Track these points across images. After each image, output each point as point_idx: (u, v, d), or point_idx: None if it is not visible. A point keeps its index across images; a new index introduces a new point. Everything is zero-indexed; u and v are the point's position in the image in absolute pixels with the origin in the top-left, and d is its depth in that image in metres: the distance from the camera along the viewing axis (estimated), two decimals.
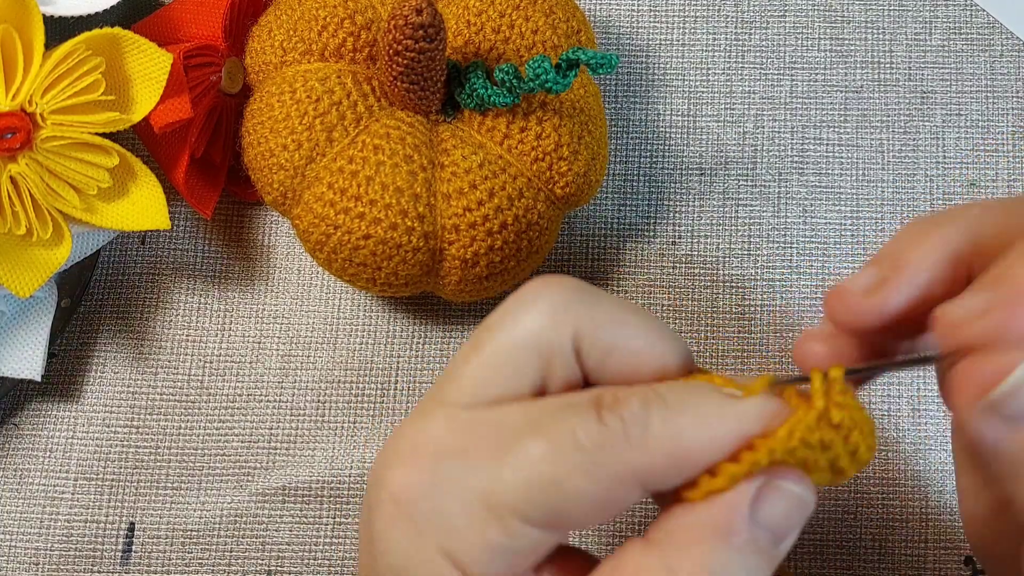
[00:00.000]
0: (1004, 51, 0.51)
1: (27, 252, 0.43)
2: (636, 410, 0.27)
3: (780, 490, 0.26)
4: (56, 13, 0.46)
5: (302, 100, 0.43)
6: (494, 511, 0.26)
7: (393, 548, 0.28)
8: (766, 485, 0.26)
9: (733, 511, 0.26)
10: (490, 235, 0.43)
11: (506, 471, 0.26)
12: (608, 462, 0.26)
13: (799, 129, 0.51)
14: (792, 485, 0.27)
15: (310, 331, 0.49)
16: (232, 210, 0.51)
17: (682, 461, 0.26)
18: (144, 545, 0.47)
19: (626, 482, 0.26)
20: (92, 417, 0.49)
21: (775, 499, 0.26)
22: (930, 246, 0.28)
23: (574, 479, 0.26)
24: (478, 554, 0.26)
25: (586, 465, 0.26)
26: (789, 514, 0.27)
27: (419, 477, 0.28)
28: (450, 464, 0.27)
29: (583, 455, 0.26)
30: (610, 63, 0.41)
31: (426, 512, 0.27)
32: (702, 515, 0.26)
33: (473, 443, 0.27)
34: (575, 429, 0.26)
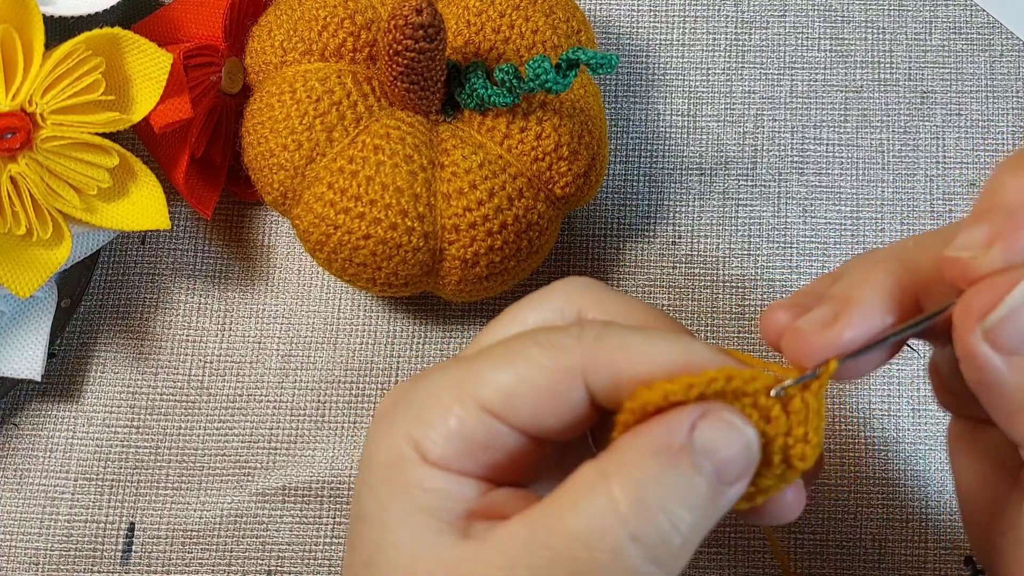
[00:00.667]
0: (1004, 51, 0.52)
1: (27, 252, 0.43)
2: (597, 325, 0.29)
3: (723, 419, 0.27)
4: (56, 13, 0.46)
5: (302, 100, 0.43)
6: (458, 399, 0.29)
7: (370, 447, 0.30)
8: (709, 411, 0.27)
9: (671, 429, 0.27)
10: (490, 235, 0.43)
11: (474, 365, 0.29)
12: (557, 355, 0.28)
13: (799, 129, 0.51)
14: (736, 418, 0.27)
15: (310, 331, 0.49)
16: (232, 210, 0.51)
17: (622, 365, 0.28)
18: (144, 545, 0.47)
19: (570, 373, 0.28)
20: (92, 417, 0.49)
21: (717, 426, 0.27)
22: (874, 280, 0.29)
23: (524, 366, 0.28)
24: (436, 437, 0.28)
25: (538, 356, 0.28)
26: (731, 447, 0.27)
27: (403, 388, 0.31)
28: (432, 374, 0.30)
29: (537, 348, 0.29)
30: (610, 63, 0.41)
31: (402, 408, 0.30)
32: (643, 435, 0.27)
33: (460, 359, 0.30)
34: (538, 333, 0.29)
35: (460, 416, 0.28)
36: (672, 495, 0.26)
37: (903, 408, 0.48)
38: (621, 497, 0.26)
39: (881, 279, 0.29)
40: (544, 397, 0.28)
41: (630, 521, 0.26)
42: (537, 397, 0.28)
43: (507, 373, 0.28)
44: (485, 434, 0.29)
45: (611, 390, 0.28)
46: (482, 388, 0.29)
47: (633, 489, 0.26)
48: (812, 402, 0.28)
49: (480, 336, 0.33)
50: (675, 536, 0.26)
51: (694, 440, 0.27)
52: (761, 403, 0.28)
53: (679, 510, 0.26)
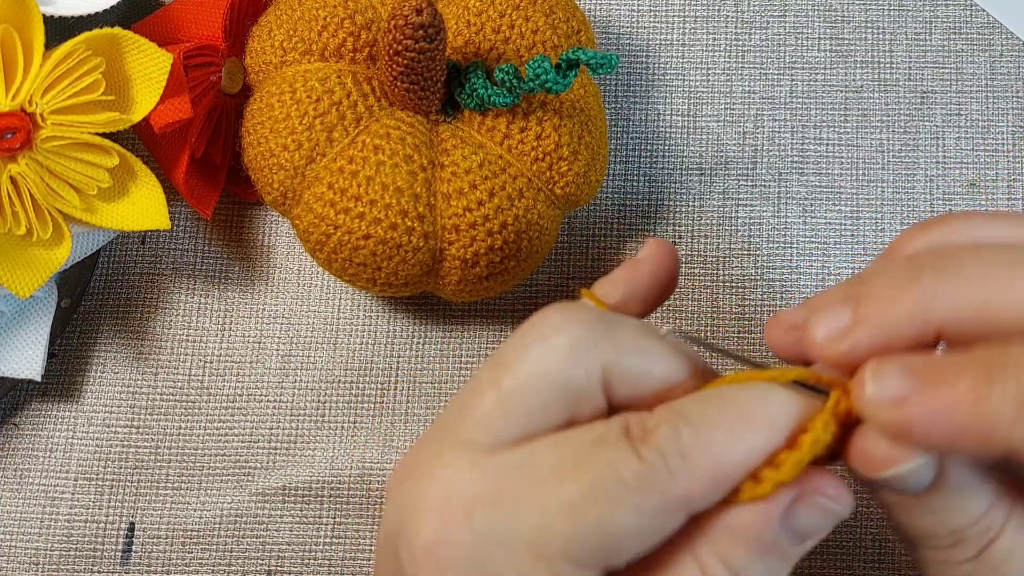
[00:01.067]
0: (1004, 51, 0.51)
1: (27, 252, 0.43)
2: (670, 439, 0.27)
3: (814, 504, 0.27)
4: (56, 13, 0.46)
5: (302, 100, 0.43)
6: (543, 559, 0.26)
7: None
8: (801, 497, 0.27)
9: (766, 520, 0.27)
10: (490, 235, 0.43)
11: (552, 517, 0.26)
12: (654, 496, 0.26)
13: (799, 129, 0.51)
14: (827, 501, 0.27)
15: (310, 331, 0.49)
16: (232, 210, 0.51)
17: (723, 480, 0.27)
18: (144, 545, 0.47)
19: (674, 511, 0.26)
20: (92, 417, 0.49)
21: (809, 511, 0.27)
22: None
23: (623, 518, 0.26)
24: None
25: (633, 502, 0.26)
26: (819, 524, 0.27)
27: (457, 531, 0.27)
28: (488, 514, 0.27)
29: (629, 493, 0.26)
30: (610, 63, 0.41)
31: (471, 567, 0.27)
32: (737, 520, 0.27)
33: (508, 488, 0.27)
34: (616, 466, 0.26)
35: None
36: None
37: None
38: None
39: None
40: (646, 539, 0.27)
41: None
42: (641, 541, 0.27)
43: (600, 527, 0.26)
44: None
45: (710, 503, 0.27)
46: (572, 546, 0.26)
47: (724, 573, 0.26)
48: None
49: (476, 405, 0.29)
50: None
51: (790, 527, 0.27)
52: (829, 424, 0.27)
53: None
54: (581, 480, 0.26)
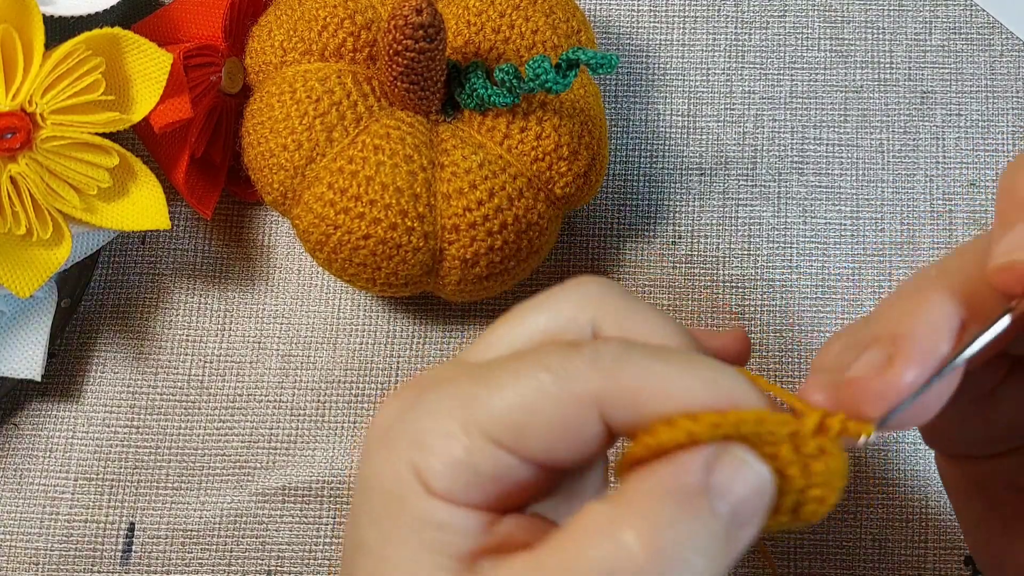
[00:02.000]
0: (1004, 51, 0.51)
1: (27, 252, 0.43)
2: (614, 347, 0.27)
3: (740, 460, 0.25)
4: (56, 13, 0.46)
5: (302, 100, 0.43)
6: (464, 429, 0.27)
7: (369, 465, 0.28)
8: (726, 452, 0.25)
9: (688, 470, 0.25)
10: (490, 235, 0.43)
11: (480, 389, 0.27)
12: (569, 384, 0.26)
13: (799, 129, 0.51)
14: (752, 459, 0.26)
15: (310, 331, 0.49)
16: (232, 210, 0.51)
17: (641, 396, 0.26)
18: (144, 545, 0.47)
19: (583, 403, 0.26)
20: (92, 417, 0.49)
21: (734, 468, 0.25)
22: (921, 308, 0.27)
23: (533, 396, 0.26)
24: (441, 468, 0.27)
25: (548, 384, 0.26)
26: (750, 489, 0.26)
27: (402, 403, 0.28)
28: (433, 391, 0.28)
29: (548, 374, 0.26)
30: (610, 63, 0.41)
31: (403, 432, 0.28)
32: (658, 475, 0.25)
33: (460, 376, 0.28)
34: (547, 355, 0.27)
35: (466, 446, 0.27)
36: (689, 541, 0.25)
37: None
38: (636, 545, 0.24)
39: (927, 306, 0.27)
40: (556, 429, 0.26)
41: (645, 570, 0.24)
42: (548, 429, 0.26)
43: (515, 402, 0.26)
44: (492, 465, 0.27)
45: (629, 422, 0.26)
46: (488, 417, 0.27)
47: (649, 536, 0.24)
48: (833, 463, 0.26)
49: (485, 337, 0.30)
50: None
51: (712, 482, 0.25)
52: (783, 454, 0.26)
53: (696, 558, 0.25)
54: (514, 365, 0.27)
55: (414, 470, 0.27)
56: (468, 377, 0.28)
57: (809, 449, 0.26)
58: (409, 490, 0.27)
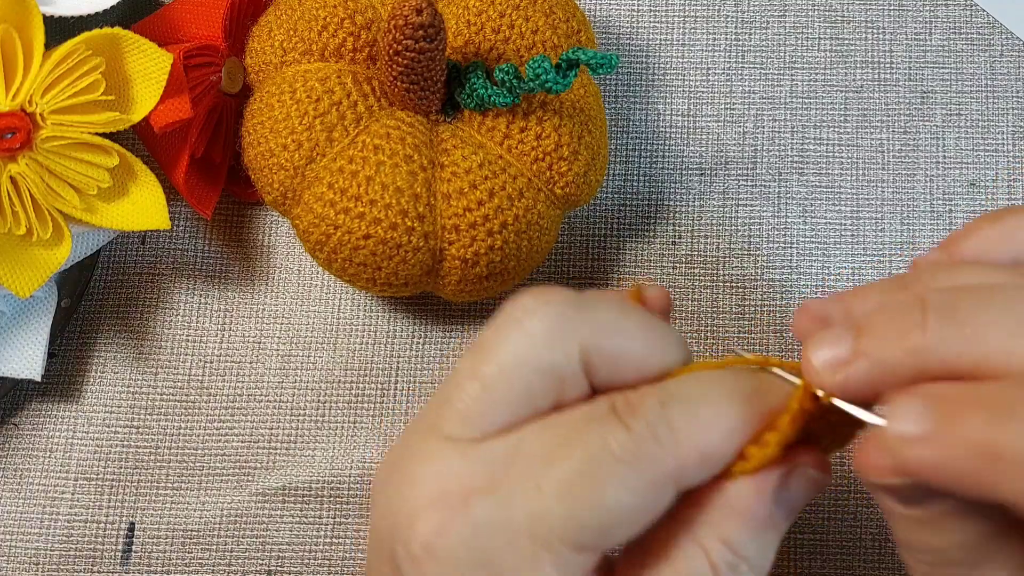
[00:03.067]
0: (1004, 51, 0.51)
1: (27, 252, 0.43)
2: (657, 411, 0.27)
3: (802, 476, 0.28)
4: (56, 13, 0.46)
5: (302, 100, 0.43)
6: (543, 542, 0.26)
7: None
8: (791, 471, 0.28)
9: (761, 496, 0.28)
10: (490, 235, 0.43)
11: (547, 500, 0.26)
12: (645, 468, 0.26)
13: (799, 129, 0.51)
14: (813, 472, 0.29)
15: (310, 331, 0.49)
16: (232, 210, 0.51)
17: (710, 453, 0.27)
18: (144, 545, 0.47)
19: (665, 485, 0.27)
20: (92, 417, 0.49)
21: (798, 484, 0.28)
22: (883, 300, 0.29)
23: (616, 493, 0.26)
24: None
25: (625, 475, 0.26)
26: (806, 494, 0.29)
27: (455, 523, 0.27)
28: (484, 503, 0.27)
29: (620, 466, 0.26)
30: (610, 63, 0.41)
31: (471, 559, 0.26)
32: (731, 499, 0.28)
33: (501, 474, 0.27)
34: (606, 440, 0.26)
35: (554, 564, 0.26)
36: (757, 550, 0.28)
37: None
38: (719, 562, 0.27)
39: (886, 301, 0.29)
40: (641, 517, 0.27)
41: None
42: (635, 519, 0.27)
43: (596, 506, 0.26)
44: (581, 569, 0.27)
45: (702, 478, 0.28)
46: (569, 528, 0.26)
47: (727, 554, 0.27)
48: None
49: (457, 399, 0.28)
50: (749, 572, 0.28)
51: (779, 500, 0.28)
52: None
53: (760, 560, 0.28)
54: (572, 458, 0.26)
55: None
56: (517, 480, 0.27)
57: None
58: None
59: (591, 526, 0.26)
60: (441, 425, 0.28)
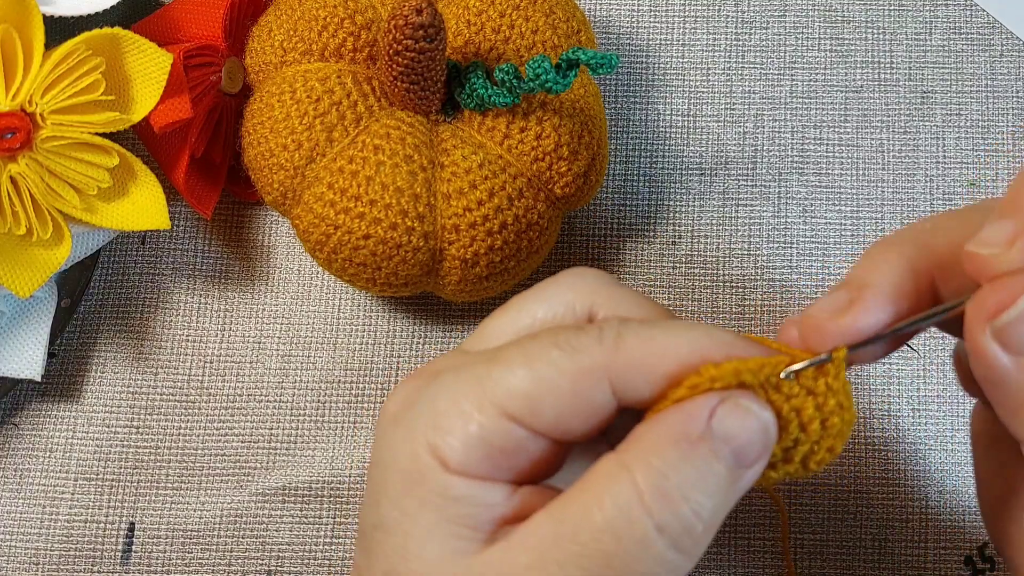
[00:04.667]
0: (1004, 51, 0.52)
1: (27, 252, 0.43)
2: (613, 323, 0.29)
3: (740, 406, 0.27)
4: (56, 13, 0.46)
5: (302, 100, 0.43)
6: (478, 405, 0.28)
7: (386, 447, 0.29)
8: (726, 399, 0.27)
9: (692, 419, 0.27)
10: (490, 235, 0.43)
11: (493, 369, 0.28)
12: (580, 359, 0.28)
13: (799, 129, 0.51)
14: (753, 403, 0.28)
15: (310, 331, 0.49)
16: (232, 210, 0.51)
17: (647, 363, 0.28)
18: (144, 545, 0.47)
19: (594, 376, 0.28)
20: (92, 417, 0.49)
21: (734, 413, 0.27)
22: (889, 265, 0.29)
23: (547, 371, 0.28)
24: (458, 445, 0.28)
25: (560, 361, 0.28)
26: (749, 431, 0.27)
27: (416, 387, 0.30)
28: (446, 375, 0.29)
29: (558, 351, 0.28)
30: (610, 63, 0.41)
31: (416, 412, 0.29)
32: (663, 423, 0.27)
33: (471, 359, 0.29)
34: (556, 335, 0.29)
35: (481, 423, 0.28)
36: (693, 483, 0.27)
37: (903, 408, 0.48)
38: (645, 487, 0.26)
39: (896, 263, 0.29)
40: (568, 401, 0.28)
41: (655, 511, 0.26)
42: (561, 402, 0.28)
43: (528, 378, 0.28)
44: (507, 440, 0.28)
45: (636, 389, 0.28)
46: (503, 394, 0.28)
47: (655, 479, 0.27)
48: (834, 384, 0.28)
49: (485, 326, 0.32)
50: (697, 523, 0.27)
51: (713, 427, 0.27)
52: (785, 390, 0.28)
53: (700, 497, 0.27)
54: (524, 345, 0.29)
55: (431, 449, 0.28)
56: (480, 359, 0.29)
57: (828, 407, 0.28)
58: (427, 468, 0.28)
59: (517, 393, 0.28)
60: (462, 345, 0.32)
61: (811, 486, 0.47)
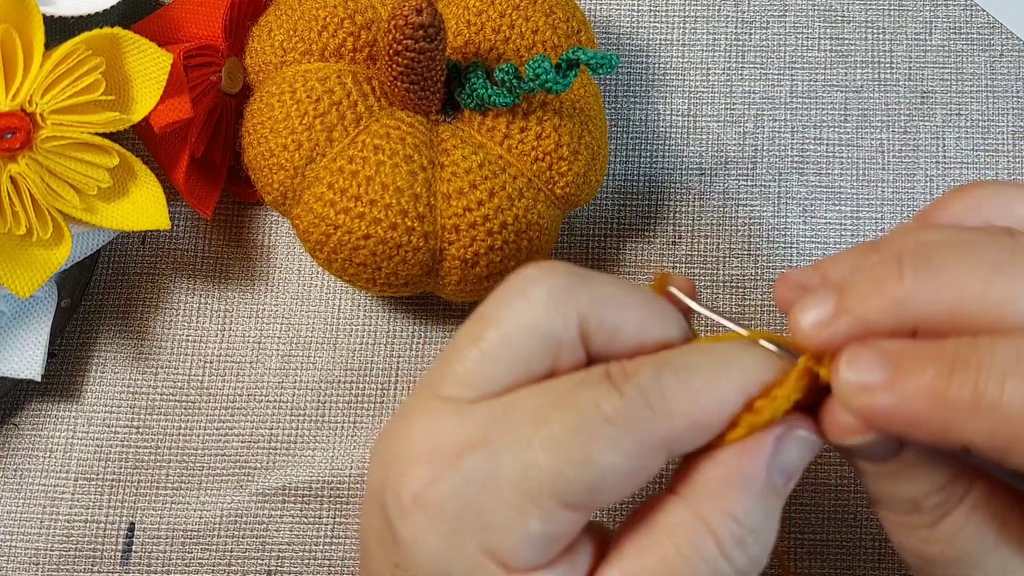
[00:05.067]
0: (1004, 51, 0.52)
1: (27, 252, 0.43)
2: (651, 378, 0.27)
3: (796, 438, 0.28)
4: (56, 13, 0.46)
5: (302, 100, 0.43)
6: (532, 498, 0.26)
7: (429, 554, 0.27)
8: (784, 434, 0.28)
9: (756, 460, 0.27)
10: (490, 235, 0.43)
11: (538, 454, 0.26)
12: (635, 432, 0.27)
13: (799, 129, 0.51)
14: (805, 432, 0.28)
15: (310, 331, 0.49)
16: (232, 210, 0.51)
17: (703, 420, 0.27)
18: (144, 545, 0.47)
19: (655, 449, 0.27)
20: (92, 417, 0.49)
21: (792, 446, 0.28)
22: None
23: (605, 453, 0.26)
24: (520, 545, 0.26)
25: (616, 437, 0.26)
26: (802, 457, 0.28)
27: (445, 475, 0.27)
28: (475, 457, 0.27)
29: (611, 427, 0.26)
30: (610, 63, 0.41)
31: (460, 511, 0.27)
32: (727, 465, 0.28)
33: (493, 431, 0.27)
34: (599, 403, 0.27)
35: (541, 518, 0.26)
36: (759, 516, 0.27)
37: None
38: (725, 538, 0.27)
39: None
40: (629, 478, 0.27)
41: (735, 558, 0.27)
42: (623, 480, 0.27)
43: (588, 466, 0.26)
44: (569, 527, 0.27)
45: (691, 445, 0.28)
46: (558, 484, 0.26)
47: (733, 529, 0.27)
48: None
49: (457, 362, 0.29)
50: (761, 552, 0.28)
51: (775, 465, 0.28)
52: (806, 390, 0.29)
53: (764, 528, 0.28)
54: (564, 417, 0.27)
55: (489, 553, 0.27)
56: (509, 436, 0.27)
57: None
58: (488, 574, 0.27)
59: (578, 483, 0.26)
60: (439, 387, 0.29)
61: (811, 486, 0.47)
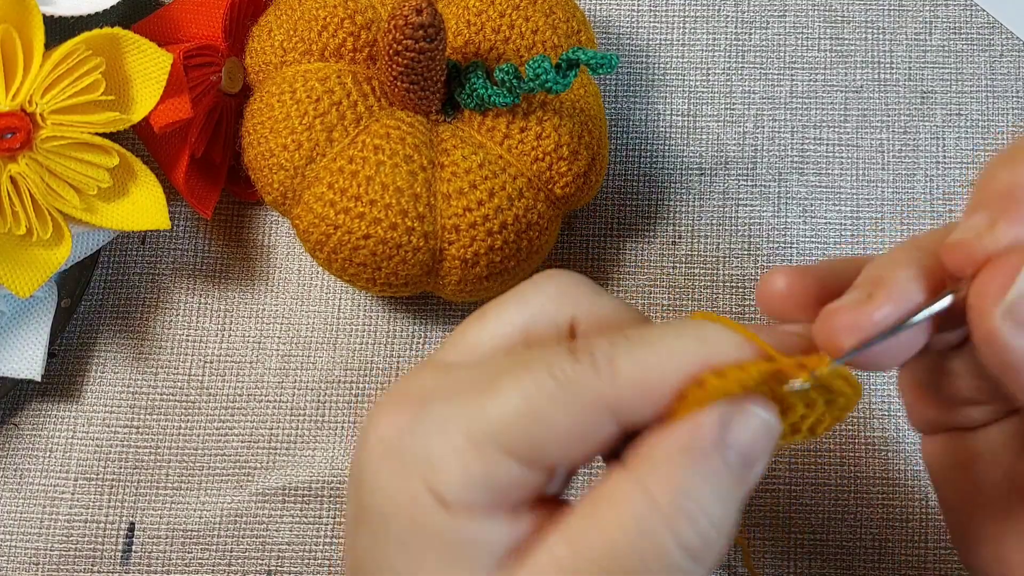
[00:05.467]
0: (1004, 51, 0.52)
1: (27, 252, 0.43)
2: (604, 347, 0.28)
3: (748, 413, 0.28)
4: (56, 13, 0.46)
5: (302, 100, 0.43)
6: (475, 444, 0.27)
7: (380, 486, 0.29)
8: (734, 409, 0.27)
9: (703, 432, 0.27)
10: (490, 235, 0.43)
11: (487, 405, 0.28)
12: (580, 393, 0.27)
13: (799, 129, 0.51)
14: (759, 410, 0.28)
15: (310, 331, 0.49)
16: (232, 210, 0.51)
17: (648, 388, 0.27)
18: (144, 545, 0.47)
19: (597, 411, 0.27)
20: (92, 417, 0.49)
21: (743, 422, 0.28)
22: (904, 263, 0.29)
23: (548, 409, 0.27)
24: (459, 486, 0.27)
25: (559, 396, 0.27)
26: (757, 437, 0.28)
27: (406, 418, 0.29)
28: (436, 405, 0.29)
29: (557, 387, 0.27)
30: (610, 63, 0.41)
31: (411, 449, 0.28)
32: (675, 437, 0.27)
33: (459, 386, 0.29)
34: (550, 365, 0.28)
35: (482, 462, 0.27)
36: (709, 496, 0.27)
37: (903, 408, 0.47)
38: (666, 507, 0.26)
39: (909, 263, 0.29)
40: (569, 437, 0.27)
41: (677, 529, 0.26)
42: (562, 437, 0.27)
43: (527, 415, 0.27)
44: (508, 476, 0.28)
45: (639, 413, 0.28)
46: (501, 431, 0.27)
47: (675, 497, 0.27)
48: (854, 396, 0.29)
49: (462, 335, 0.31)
50: (712, 531, 0.27)
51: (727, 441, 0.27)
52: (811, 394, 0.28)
53: (717, 508, 0.27)
54: (519, 376, 0.28)
55: (432, 492, 0.28)
56: (469, 386, 0.28)
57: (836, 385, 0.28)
58: (430, 511, 0.28)
59: (518, 434, 0.27)
60: (437, 355, 0.31)
61: (811, 486, 0.47)
